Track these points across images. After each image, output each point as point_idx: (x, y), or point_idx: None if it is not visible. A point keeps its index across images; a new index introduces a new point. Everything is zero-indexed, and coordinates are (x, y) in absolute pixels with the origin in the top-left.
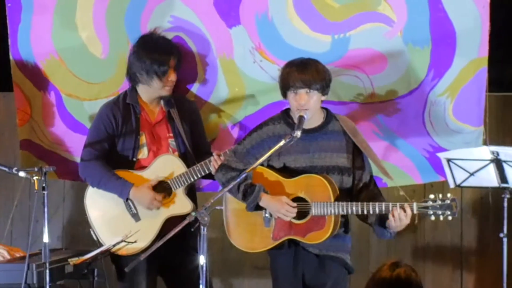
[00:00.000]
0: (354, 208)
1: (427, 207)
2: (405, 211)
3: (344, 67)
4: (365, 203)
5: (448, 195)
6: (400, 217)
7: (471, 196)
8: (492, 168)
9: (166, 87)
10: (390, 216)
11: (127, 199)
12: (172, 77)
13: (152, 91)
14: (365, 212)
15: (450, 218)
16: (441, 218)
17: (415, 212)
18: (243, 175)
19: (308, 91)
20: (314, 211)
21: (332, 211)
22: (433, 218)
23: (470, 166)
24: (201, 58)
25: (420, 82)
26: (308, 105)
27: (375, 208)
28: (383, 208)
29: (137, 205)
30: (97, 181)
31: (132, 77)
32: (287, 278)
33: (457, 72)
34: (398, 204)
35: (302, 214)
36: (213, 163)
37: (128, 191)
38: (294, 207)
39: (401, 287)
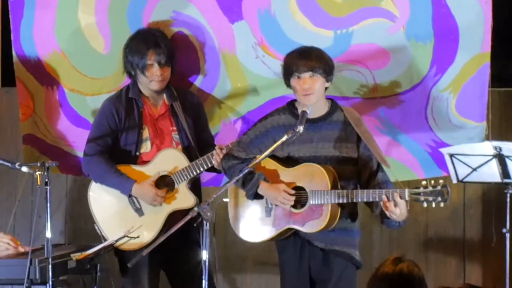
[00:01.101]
0: (349, 196)
1: (418, 193)
2: (395, 200)
3: (347, 62)
4: (359, 191)
5: (440, 181)
6: (390, 208)
7: (473, 191)
8: (494, 163)
9: (152, 82)
10: (381, 204)
11: (129, 195)
12: (156, 71)
13: (144, 86)
14: (359, 200)
15: (441, 204)
16: (433, 204)
17: (406, 199)
18: (246, 170)
19: (312, 75)
20: (312, 200)
21: (329, 199)
22: (425, 204)
23: (473, 161)
24: (204, 53)
25: (422, 77)
26: (312, 89)
27: (369, 195)
28: (376, 195)
29: (140, 200)
30: (100, 176)
31: (127, 71)
32: (293, 271)
33: (459, 68)
34: (391, 190)
35: (301, 203)
36: (216, 156)
37: (130, 187)
38: (292, 195)
39: (404, 282)
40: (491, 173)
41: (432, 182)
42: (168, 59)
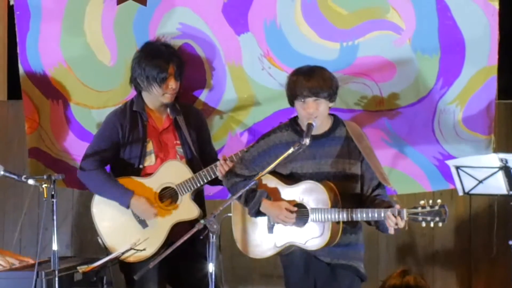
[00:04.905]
0: (349, 214)
1: (417, 213)
2: (396, 219)
3: (353, 74)
4: (358, 210)
5: (438, 201)
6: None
7: (479, 203)
8: (501, 175)
9: (166, 95)
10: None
11: (128, 207)
12: (172, 84)
13: (154, 98)
14: (359, 219)
15: (440, 224)
16: (432, 224)
17: (405, 218)
18: (252, 183)
19: (316, 99)
20: (312, 217)
21: (329, 217)
22: (424, 224)
23: (479, 173)
24: (210, 65)
25: (429, 90)
26: (316, 113)
27: (368, 214)
28: (376, 214)
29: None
30: (97, 188)
31: (135, 83)
32: (299, 286)
33: (466, 81)
34: (389, 210)
35: (303, 220)
36: (220, 167)
37: (129, 199)
38: (293, 212)
39: None
40: (497, 185)
41: (430, 202)
42: (182, 73)
